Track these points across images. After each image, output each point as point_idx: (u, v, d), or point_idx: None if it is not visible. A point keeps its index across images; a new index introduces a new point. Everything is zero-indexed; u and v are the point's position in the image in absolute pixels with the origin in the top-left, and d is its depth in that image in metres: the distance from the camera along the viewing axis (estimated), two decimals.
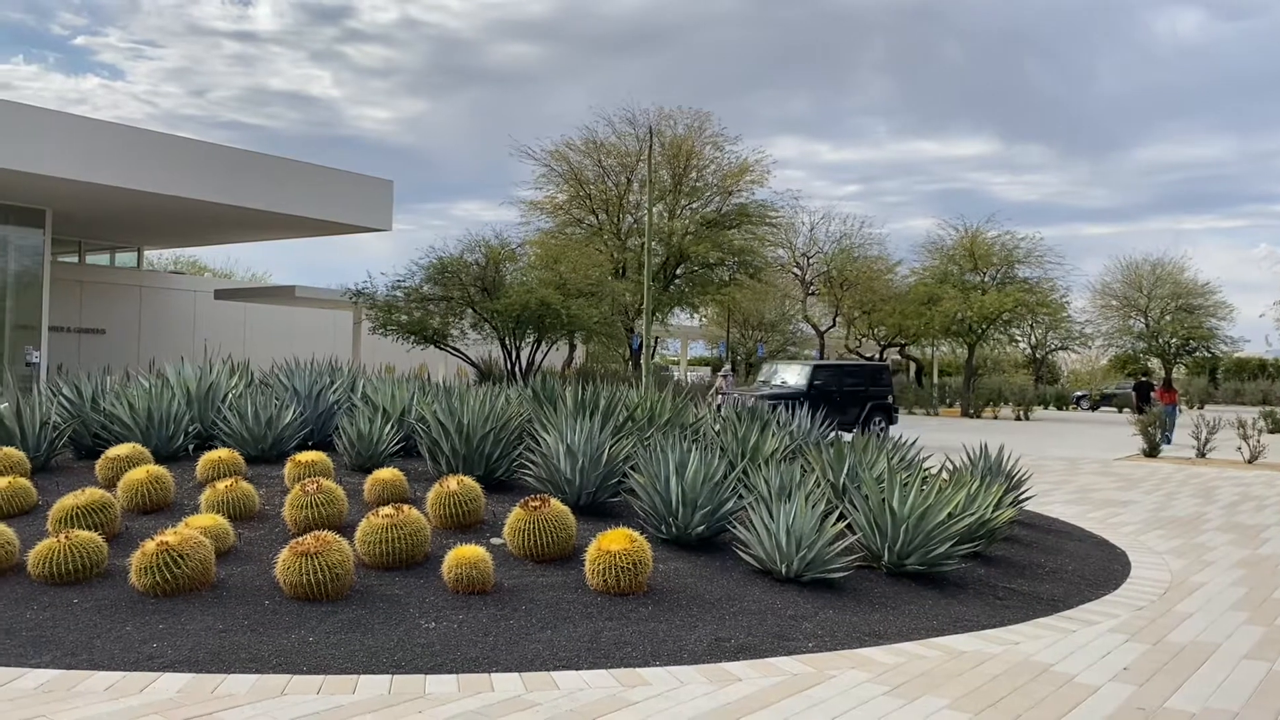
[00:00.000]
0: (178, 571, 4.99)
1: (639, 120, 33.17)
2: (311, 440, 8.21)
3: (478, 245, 25.24)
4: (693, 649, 4.68)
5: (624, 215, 34.05)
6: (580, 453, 6.63)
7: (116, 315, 30.97)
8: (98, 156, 20.96)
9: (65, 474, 7.31)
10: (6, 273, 23.79)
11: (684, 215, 34.07)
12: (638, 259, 32.53)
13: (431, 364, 35.12)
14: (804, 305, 43.82)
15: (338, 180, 25.67)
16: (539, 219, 34.82)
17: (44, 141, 20.18)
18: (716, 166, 34.45)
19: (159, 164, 21.97)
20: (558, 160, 33.83)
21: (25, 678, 4.00)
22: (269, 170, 24.16)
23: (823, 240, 43.74)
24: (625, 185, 33.86)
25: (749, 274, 34.83)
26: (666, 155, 33.03)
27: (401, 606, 5.00)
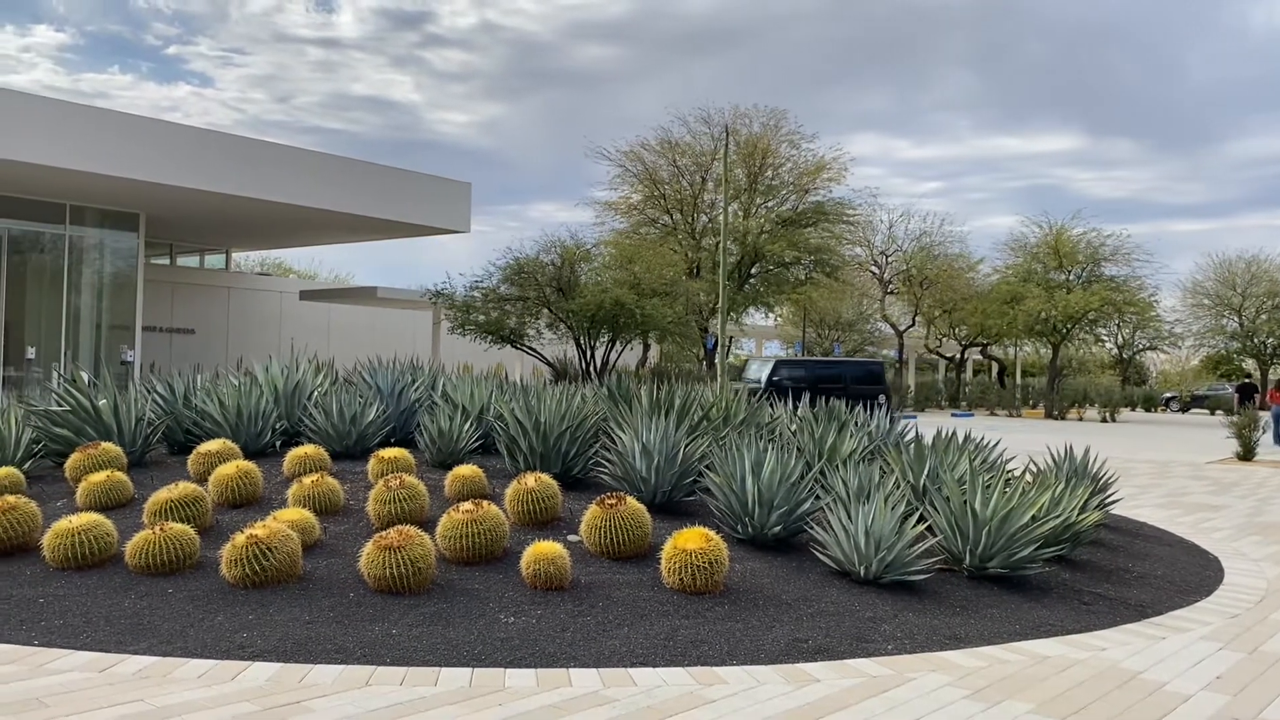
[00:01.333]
0: (266, 564, 5.13)
1: (714, 119, 33.14)
2: (393, 437, 8.38)
3: (553, 246, 25.48)
4: (770, 649, 4.66)
5: (698, 215, 34.01)
6: (655, 451, 6.65)
7: (206, 315, 31.96)
8: (189, 161, 21.66)
9: (159, 469, 7.57)
10: (103, 274, 24.72)
11: (759, 214, 33.90)
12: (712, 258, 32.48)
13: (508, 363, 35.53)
14: (882, 304, 43.27)
15: (418, 183, 26.13)
16: (614, 219, 35.00)
17: (139, 147, 20.91)
18: (793, 164, 34.21)
19: (247, 168, 22.61)
20: (632, 161, 33.96)
21: (125, 663, 4.17)
22: (352, 174, 24.70)
23: (902, 238, 43.16)
24: (700, 185, 33.82)
25: (825, 273, 34.53)
26: (742, 154, 32.90)
27: (481, 601, 5.08)
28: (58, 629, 4.59)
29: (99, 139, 20.34)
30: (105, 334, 24.91)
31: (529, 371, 28.33)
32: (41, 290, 23.75)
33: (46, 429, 7.77)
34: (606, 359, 26.23)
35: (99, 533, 5.51)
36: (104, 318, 24.82)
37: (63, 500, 6.75)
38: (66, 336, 24.09)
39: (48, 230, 23.51)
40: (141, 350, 25.46)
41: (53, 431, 7.74)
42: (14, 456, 7.48)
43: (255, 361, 9.45)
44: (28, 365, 23.31)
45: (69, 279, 23.89)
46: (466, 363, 31.54)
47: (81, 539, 5.44)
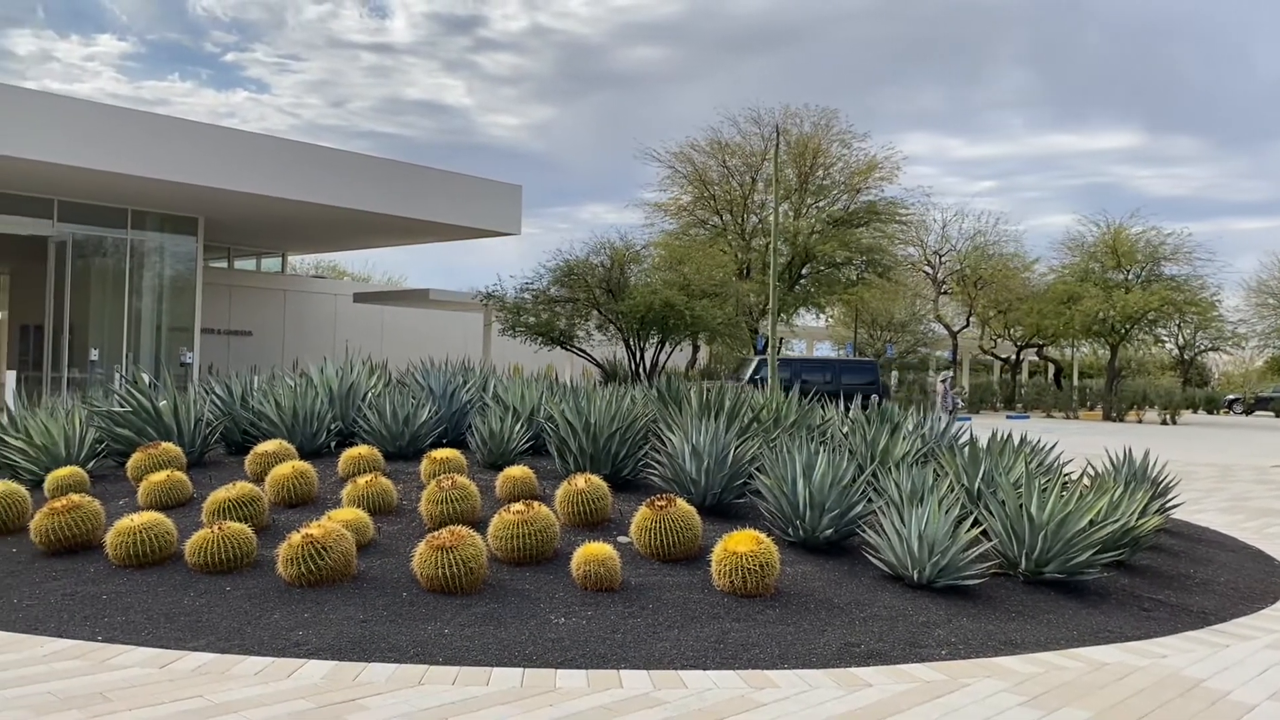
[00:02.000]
0: (322, 563, 5.21)
1: (764, 119, 33.00)
2: (445, 438, 8.45)
3: (603, 248, 25.55)
4: (821, 653, 4.63)
5: (748, 215, 33.90)
6: (705, 453, 6.63)
7: (262, 317, 32.52)
8: (246, 167, 22.06)
9: (217, 468, 7.71)
10: (163, 278, 25.26)
11: (810, 214, 33.70)
12: (762, 259, 32.35)
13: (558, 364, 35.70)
14: (936, 305, 42.76)
15: (469, 186, 26.36)
16: (663, 220, 35.01)
17: (198, 153, 21.34)
18: (844, 164, 33.97)
19: (302, 173, 22.97)
20: (682, 162, 33.94)
21: (184, 660, 4.25)
22: (405, 177, 24.98)
23: (955, 238, 42.62)
24: (750, 185, 33.70)
25: (878, 273, 34.22)
26: (792, 154, 32.73)
27: (532, 601, 5.10)
28: (120, 625, 4.70)
29: (160, 145, 20.79)
30: (165, 336, 25.46)
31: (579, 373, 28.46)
32: (104, 293, 24.34)
33: (109, 429, 7.95)
34: (656, 360, 26.24)
35: (159, 531, 5.63)
36: (164, 320, 25.36)
37: (124, 499, 6.91)
38: (128, 338, 24.66)
39: (110, 235, 24.08)
40: (200, 352, 25.97)
41: (115, 432, 7.92)
42: (78, 456, 7.67)
43: (310, 363, 9.59)
44: (91, 366, 23.90)
45: (130, 282, 24.45)
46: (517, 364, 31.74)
47: (142, 537, 5.56)
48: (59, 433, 7.65)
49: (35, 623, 4.73)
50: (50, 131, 19.32)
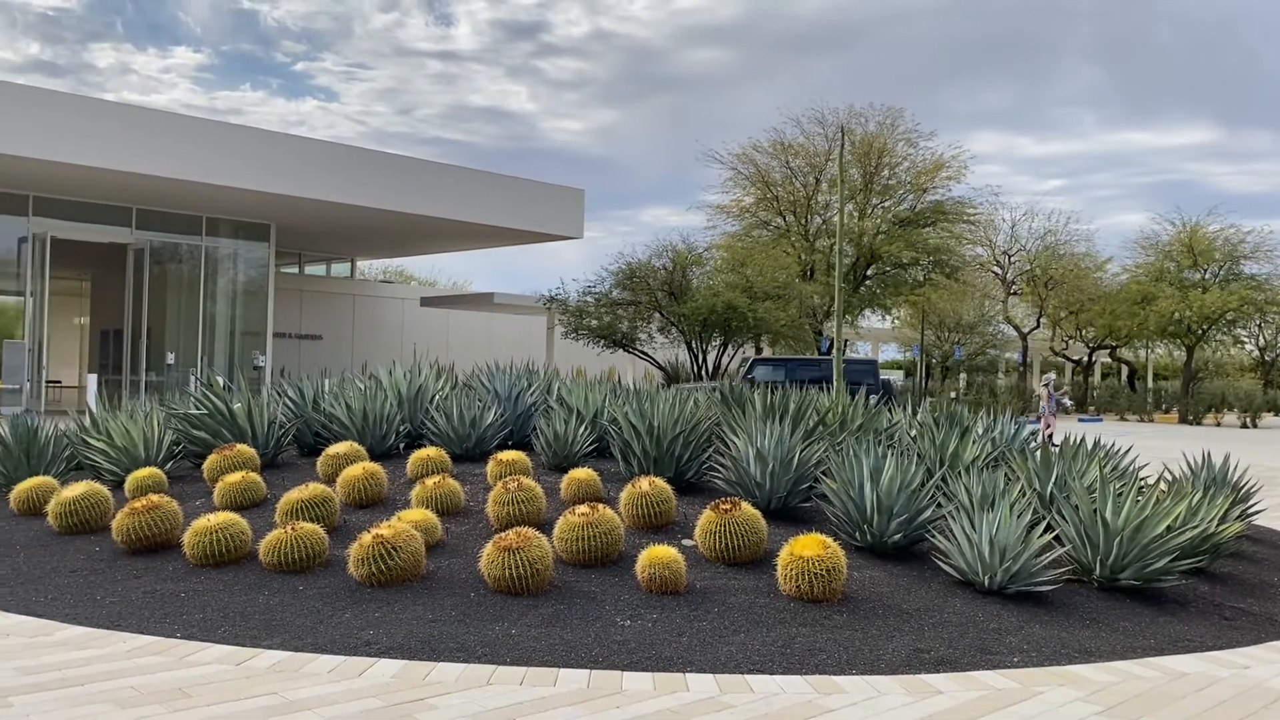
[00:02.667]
0: (392, 563, 5.29)
1: (828, 119, 32.72)
2: (511, 440, 8.53)
3: (665, 250, 25.55)
4: (890, 659, 4.57)
5: (812, 216, 33.65)
6: (770, 457, 6.59)
7: (332, 322, 33.12)
8: (317, 174, 22.50)
9: (290, 470, 7.87)
10: (236, 283, 25.87)
11: (875, 214, 33.35)
12: (826, 260, 32.08)
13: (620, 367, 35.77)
14: (1005, 306, 41.98)
15: (533, 191, 26.56)
16: (725, 222, 34.90)
17: (270, 161, 21.83)
18: (910, 164, 33.54)
19: (371, 180, 23.36)
20: (744, 163, 33.80)
21: (260, 657, 4.34)
22: (470, 183, 25.27)
23: (1025, 237, 41.77)
24: (813, 186, 33.45)
25: (945, 273, 33.72)
26: (857, 154, 32.41)
27: (598, 603, 5.12)
28: (198, 623, 4.82)
29: (233, 154, 21.31)
30: (239, 340, 26.08)
31: (641, 375, 28.49)
32: (180, 299, 25.00)
33: (186, 431, 8.16)
34: (719, 363, 26.17)
35: (235, 531, 5.77)
36: (237, 324, 25.97)
37: (201, 499, 7.09)
38: (203, 343, 25.30)
39: (185, 241, 24.74)
40: (272, 355, 26.55)
41: (192, 434, 8.13)
42: (157, 457, 7.89)
43: (379, 366, 9.75)
44: (168, 370, 24.57)
45: (205, 288, 25.09)
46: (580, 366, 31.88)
47: (219, 537, 5.70)
48: (139, 435, 7.88)
49: (118, 619, 4.88)
50: (129, 142, 19.92)
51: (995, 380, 45.33)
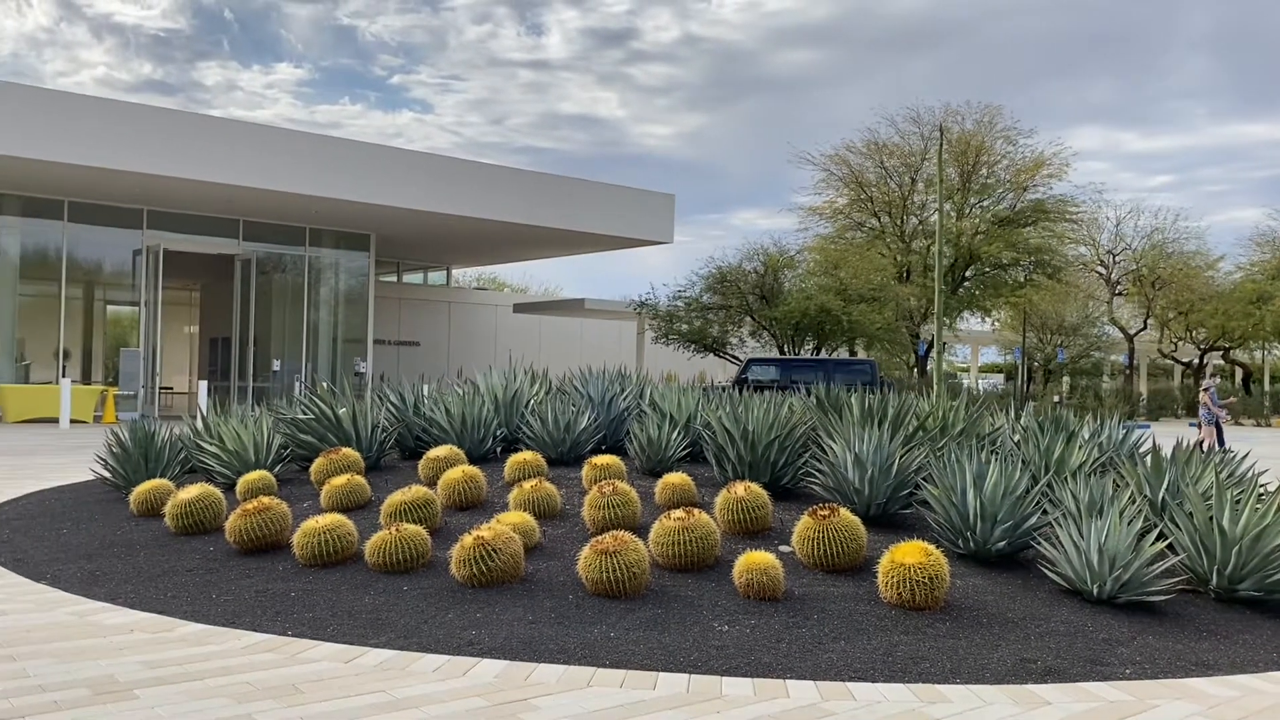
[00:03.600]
0: (492, 565, 5.37)
1: (924, 118, 32.18)
2: (605, 444, 8.59)
3: (756, 254, 25.42)
4: (995, 669, 4.47)
5: (908, 217, 33.10)
6: (869, 462, 6.51)
7: (429, 328, 33.83)
8: (414, 184, 23.02)
9: (392, 472, 8.06)
10: (338, 292, 26.61)
11: (973, 214, 32.64)
12: (923, 261, 31.53)
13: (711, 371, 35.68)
14: (1110, 306, 40.65)
15: (623, 197, 26.72)
16: (818, 224, 34.56)
17: (368, 172, 22.41)
18: (1009, 162, 32.75)
19: (465, 189, 23.80)
20: (837, 164, 33.44)
21: (367, 656, 4.46)
22: (561, 190, 25.55)
23: (1131, 236, 40.41)
24: (909, 186, 32.89)
25: (1047, 274, 32.82)
26: (954, 153, 31.78)
27: (695, 608, 5.12)
28: (308, 621, 4.97)
29: (334, 166, 21.95)
30: (340, 347, 26.82)
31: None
32: (285, 307, 25.83)
33: (293, 435, 8.43)
34: None
35: (341, 532, 5.93)
36: (339, 331, 26.73)
37: (308, 501, 7.31)
38: (307, 349, 26.09)
39: (289, 252, 25.56)
40: (372, 362, 27.23)
41: (299, 438, 8.39)
42: (266, 461, 8.17)
43: (475, 371, 9.91)
44: (274, 376, 25.40)
45: (309, 296, 25.88)
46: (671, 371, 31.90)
47: (326, 538, 5.87)
48: (249, 439, 8.16)
49: (232, 617, 5.06)
50: (236, 156, 20.67)
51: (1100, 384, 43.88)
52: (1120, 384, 42.33)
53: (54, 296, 22.47)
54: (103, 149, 19.11)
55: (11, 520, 7.72)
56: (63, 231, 22.34)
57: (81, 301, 23.48)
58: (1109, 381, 46.99)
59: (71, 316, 22.97)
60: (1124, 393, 37.39)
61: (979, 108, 32.61)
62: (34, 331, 22.61)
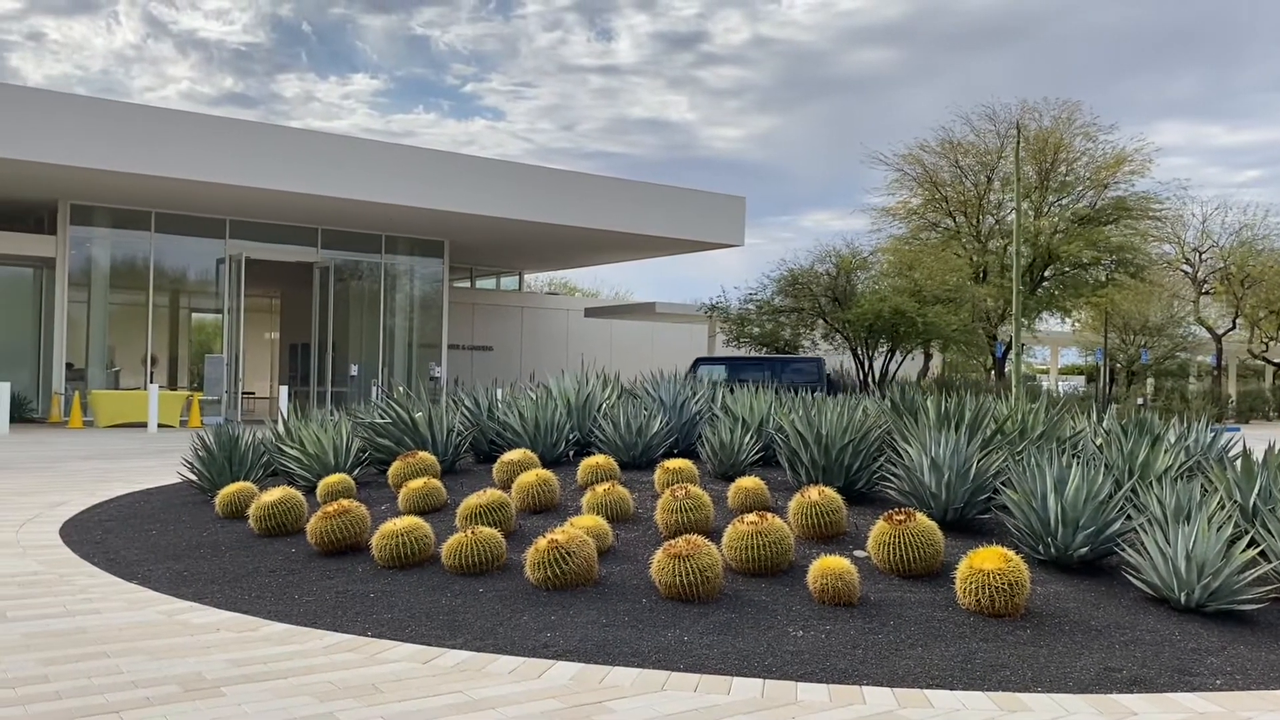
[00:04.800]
0: (566, 568, 5.41)
1: (999, 116, 31.57)
2: (676, 448, 8.59)
3: (828, 255, 25.19)
4: (1078, 677, 4.36)
5: (983, 216, 32.50)
6: (946, 466, 6.40)
7: (502, 333, 34.20)
8: (486, 191, 23.31)
9: (467, 476, 8.17)
10: (413, 298, 27.05)
11: (1052, 212, 31.93)
12: (1000, 261, 30.93)
13: None
14: (1196, 306, 39.40)
15: (694, 200, 26.72)
16: (891, 225, 34.12)
17: (442, 180, 22.76)
18: (1088, 158, 31.96)
19: (537, 195, 24.03)
20: (911, 164, 32.99)
21: (444, 656, 4.53)
22: (632, 195, 25.64)
23: (1218, 233, 39.11)
24: (985, 185, 32.30)
25: (1129, 273, 31.94)
26: (1031, 150, 31.13)
27: (769, 613, 5.10)
28: (386, 622, 5.06)
29: (409, 174, 22.33)
30: (415, 351, 27.27)
31: None
32: (361, 313, 26.35)
33: (371, 439, 8.59)
34: (886, 369, 25.59)
35: (419, 535, 6.03)
36: (414, 337, 27.17)
37: (386, 504, 7.44)
38: (383, 354, 26.57)
39: (366, 259, 26.06)
40: (447, 366, 27.63)
41: (376, 441, 8.55)
42: (345, 464, 8.34)
43: (547, 375, 10.00)
44: (351, 381, 25.91)
45: (384, 303, 26.36)
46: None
47: (404, 540, 5.97)
48: (328, 443, 8.34)
49: (314, 617, 5.18)
50: (315, 166, 21.16)
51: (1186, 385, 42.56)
52: (1208, 386, 41.00)
53: (142, 305, 23.23)
54: (188, 161, 19.72)
55: (104, 521, 8.00)
56: (150, 242, 23.09)
57: (168, 309, 24.24)
58: (1195, 383, 45.50)
59: (158, 324, 23.73)
60: (1212, 394, 36.21)
61: (1057, 104, 31.82)
62: (123, 339, 23.40)
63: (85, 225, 22.32)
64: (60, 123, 18.54)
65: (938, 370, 33.14)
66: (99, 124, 18.95)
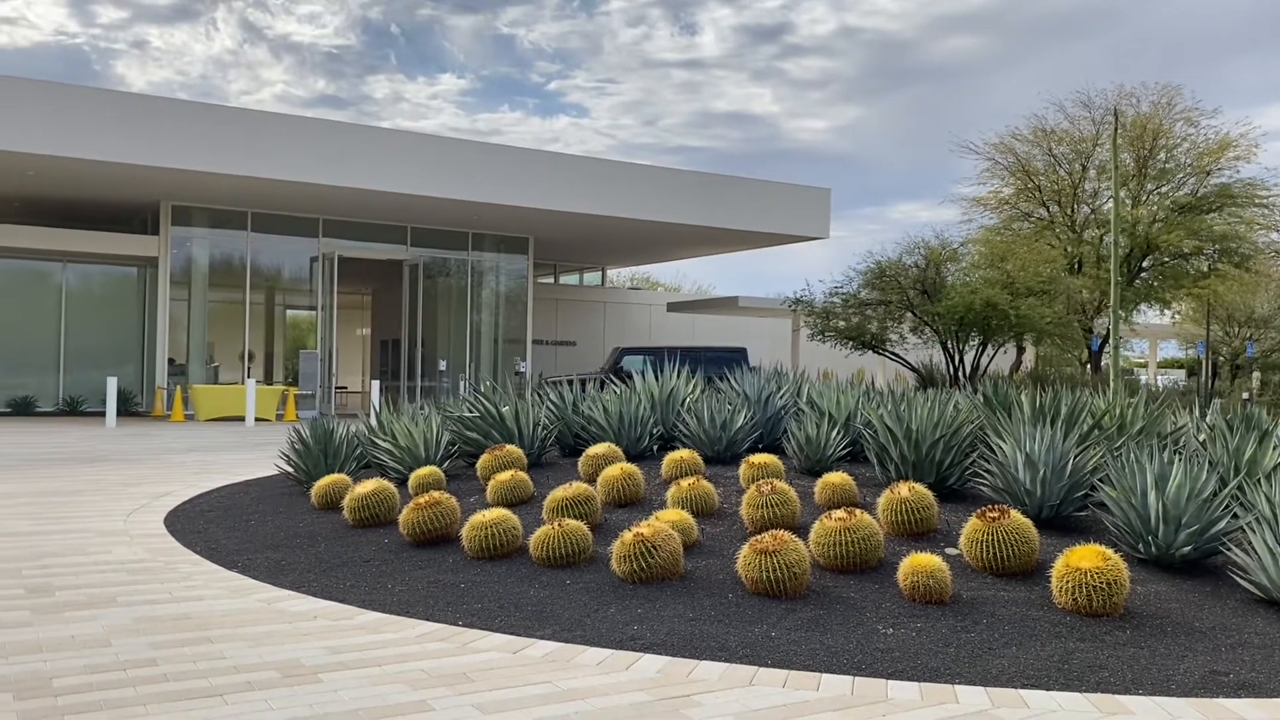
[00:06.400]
0: (652, 561, 5.43)
1: (1095, 102, 30.60)
2: (761, 443, 8.54)
3: (916, 247, 24.72)
4: (1182, 680, 4.21)
5: (1078, 205, 31.56)
6: (1041, 462, 6.24)
7: (585, 328, 34.42)
8: (571, 188, 23.48)
9: (553, 469, 8.25)
10: (499, 294, 27.40)
11: (1151, 201, 30.86)
12: (1095, 252, 30.02)
13: (869, 369, 34.98)
14: None
15: (777, 193, 26.51)
16: (982, 216, 33.34)
17: (528, 178, 22.99)
18: (1190, 144, 30.79)
19: (620, 191, 24.11)
20: (1002, 153, 32.18)
21: (533, 647, 4.58)
22: (714, 188, 25.55)
23: None
24: (1080, 173, 31.36)
25: (1234, 263, 30.68)
26: (1129, 137, 30.12)
27: (858, 610, 5.04)
28: (477, 612, 5.14)
29: (496, 172, 22.61)
30: (501, 347, 27.61)
31: (891, 377, 27.72)
32: (449, 309, 26.78)
33: (460, 433, 8.73)
34: (976, 363, 25.04)
35: (507, 526, 6.11)
36: (500, 332, 27.52)
37: (474, 496, 7.55)
38: (470, 350, 26.97)
39: (453, 256, 26.47)
40: (532, 361, 27.92)
41: (465, 435, 8.68)
42: (435, 456, 8.49)
43: (631, 370, 10.02)
44: (440, 376, 26.36)
45: (471, 299, 26.75)
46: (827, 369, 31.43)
47: (493, 532, 6.06)
48: (419, 436, 8.50)
49: (407, 606, 5.28)
50: (404, 165, 21.57)
51: None
52: None
53: (239, 302, 23.98)
54: (283, 162, 20.28)
55: (205, 512, 8.29)
56: (247, 241, 23.81)
57: (263, 307, 24.97)
58: None
59: (255, 321, 24.46)
60: None
61: (1156, 89, 30.67)
62: (221, 335, 24.19)
63: (185, 226, 23.13)
64: (162, 127, 19.23)
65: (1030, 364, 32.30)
66: (198, 127, 19.60)
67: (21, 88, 18.15)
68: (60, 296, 23.48)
